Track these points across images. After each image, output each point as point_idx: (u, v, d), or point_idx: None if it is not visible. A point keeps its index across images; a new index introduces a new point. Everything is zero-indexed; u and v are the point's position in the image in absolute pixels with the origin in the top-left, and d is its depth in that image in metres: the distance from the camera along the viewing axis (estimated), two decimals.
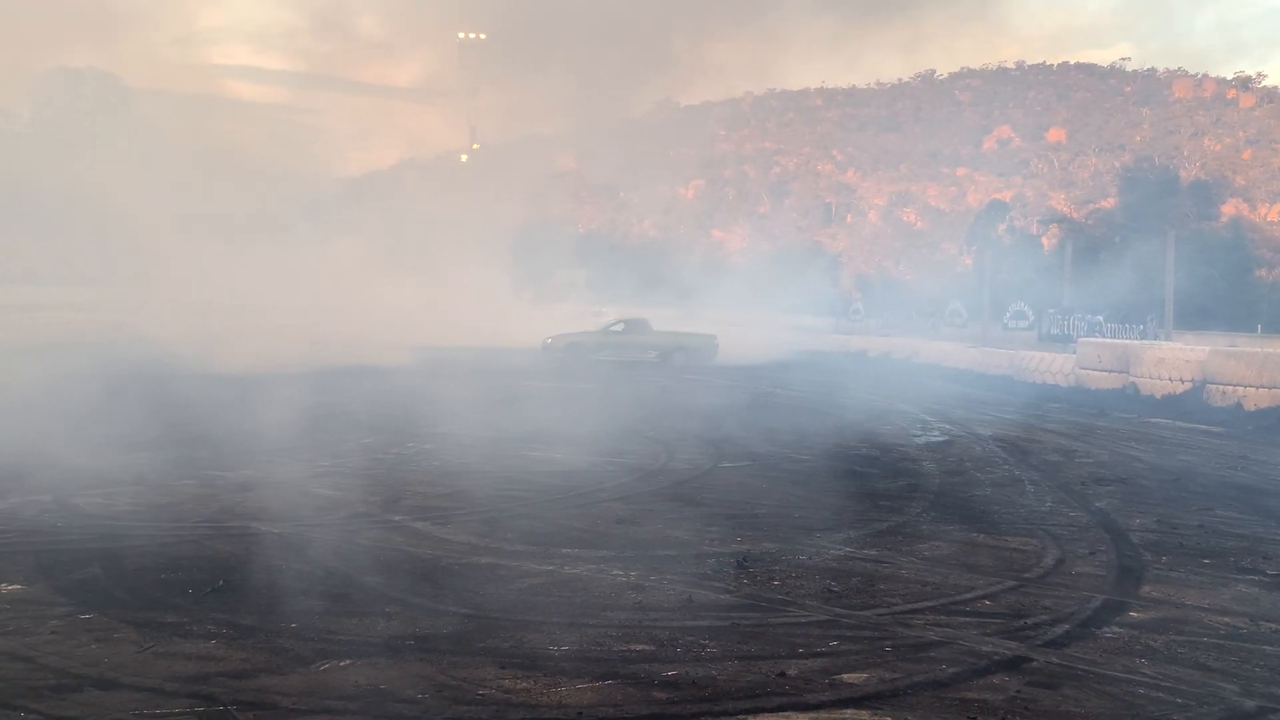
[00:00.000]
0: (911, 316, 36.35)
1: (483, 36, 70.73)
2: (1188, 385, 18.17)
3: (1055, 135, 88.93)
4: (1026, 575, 6.88)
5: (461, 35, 71.52)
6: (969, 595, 6.36)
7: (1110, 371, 20.49)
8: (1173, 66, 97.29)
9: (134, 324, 30.63)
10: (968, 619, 5.88)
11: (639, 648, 5.28)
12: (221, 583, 6.16)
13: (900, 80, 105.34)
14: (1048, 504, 9.52)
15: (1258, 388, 16.56)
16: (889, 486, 10.26)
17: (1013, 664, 5.15)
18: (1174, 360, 18.64)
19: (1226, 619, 5.99)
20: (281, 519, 8.01)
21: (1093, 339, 22.55)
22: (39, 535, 7.34)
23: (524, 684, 4.75)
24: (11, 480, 9.16)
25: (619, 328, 28.78)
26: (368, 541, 7.40)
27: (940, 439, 14.12)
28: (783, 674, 4.92)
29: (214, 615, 5.61)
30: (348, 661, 4.98)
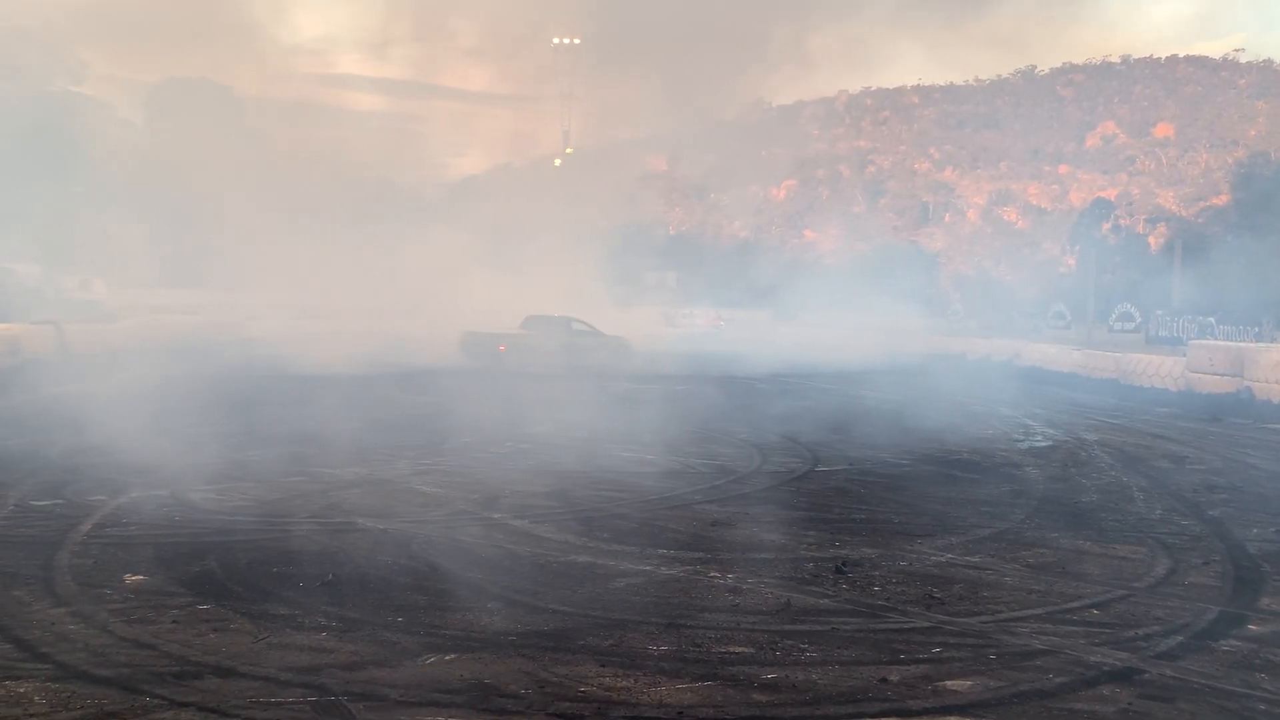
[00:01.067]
0: (1012, 318, 35.58)
1: (577, 41, 71.42)
2: None
3: (1163, 131, 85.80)
4: (1136, 584, 6.68)
5: (556, 40, 72.27)
6: (1076, 604, 6.20)
7: (1223, 375, 19.72)
8: None
9: (242, 326, 31.71)
10: (1075, 628, 5.73)
11: (738, 650, 5.28)
12: (330, 576, 6.35)
13: (999, 76, 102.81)
14: (1158, 511, 9.22)
15: None
16: (991, 492, 10.06)
17: (1123, 675, 5.00)
18: None
19: None
20: (386, 515, 8.22)
21: (1204, 341, 21.74)
22: (158, 528, 7.66)
23: (624, 682, 4.79)
24: (133, 475, 9.58)
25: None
26: (469, 539, 7.54)
27: (1044, 444, 13.78)
28: (884, 680, 4.87)
29: (324, 608, 5.78)
30: (453, 656, 5.08)
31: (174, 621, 5.52)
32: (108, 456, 10.50)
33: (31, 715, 4.27)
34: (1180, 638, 5.59)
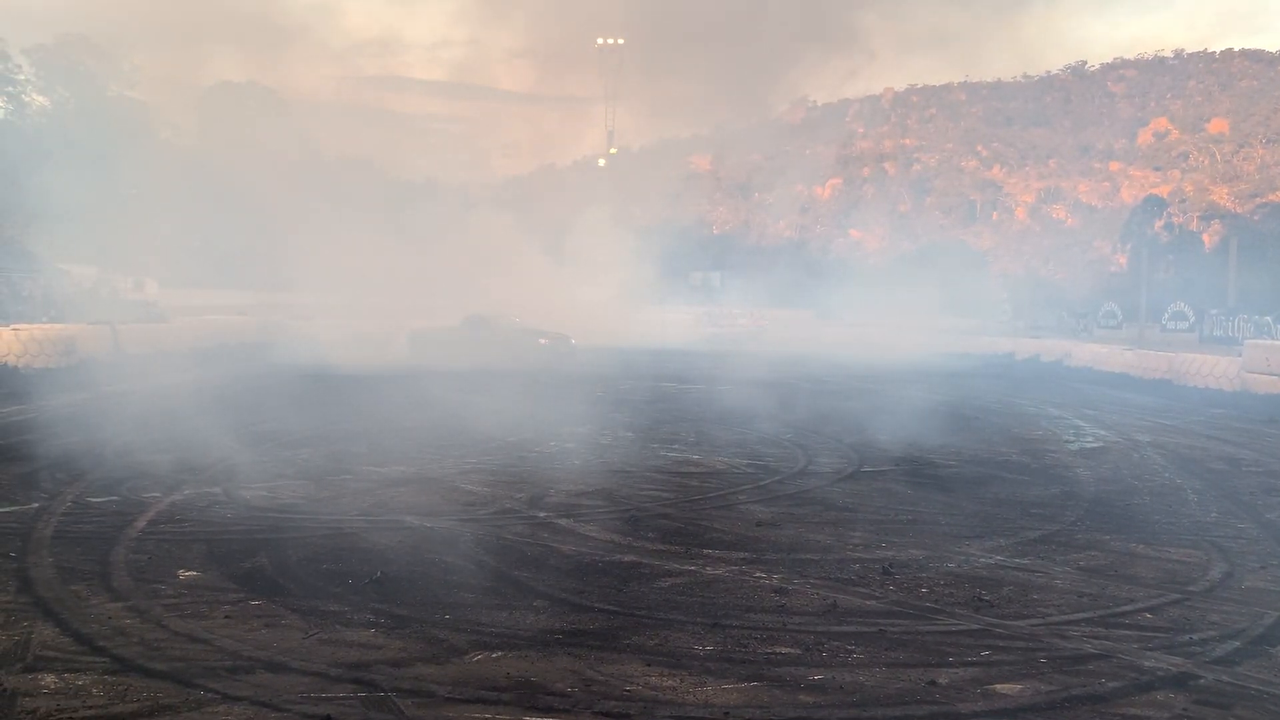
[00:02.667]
0: (1062, 318, 35.10)
1: (621, 41, 71.58)
2: None
3: (1217, 126, 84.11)
4: (1191, 588, 6.56)
5: (600, 40, 72.52)
6: (1129, 607, 6.10)
7: None
8: None
9: (292, 325, 32.13)
10: (1128, 632, 5.64)
11: (784, 650, 5.26)
12: (379, 574, 6.41)
13: (1048, 72, 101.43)
14: (1213, 514, 9.04)
15: None
16: (1041, 494, 9.92)
17: (1178, 680, 4.92)
18: None
19: None
20: (433, 514, 8.29)
21: (1261, 341, 21.29)
22: (211, 526, 7.78)
23: (670, 682, 4.79)
24: (186, 473, 9.75)
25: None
26: (515, 537, 7.58)
27: (1094, 445, 13.57)
28: (933, 682, 4.83)
29: (373, 605, 5.84)
30: (499, 653, 5.11)
31: (226, 617, 5.61)
32: (162, 454, 10.69)
33: (89, 707, 4.36)
34: (1237, 643, 5.48)
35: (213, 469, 10.06)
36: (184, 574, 6.43)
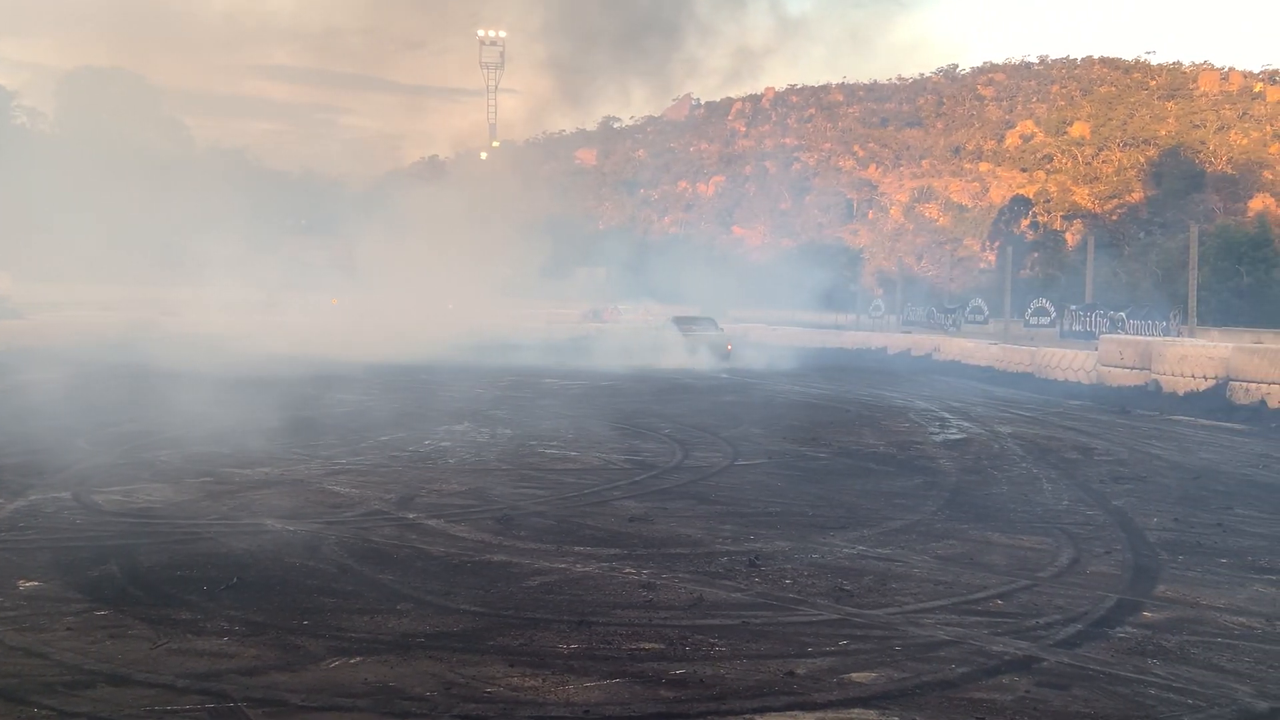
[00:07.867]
0: (933, 313, 36.26)
1: (503, 34, 71.01)
2: (1211, 383, 18.00)
3: (1079, 130, 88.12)
4: (1040, 574, 6.83)
5: (481, 33, 71.85)
6: (981, 594, 6.32)
7: (1132, 369, 20.33)
8: (1198, 59, 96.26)
9: (161, 322, 30.92)
10: (979, 618, 5.85)
11: (648, 646, 5.28)
12: (235, 580, 6.20)
13: (922, 75, 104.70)
14: (1065, 502, 9.45)
15: None
16: (905, 485, 10.22)
17: (1023, 664, 5.11)
18: (1196, 357, 18.47)
19: (1242, 619, 5.93)
20: (296, 516, 8.06)
21: (1114, 336, 22.37)
22: (58, 532, 7.41)
23: (532, 682, 4.76)
24: (33, 477, 9.28)
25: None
26: (381, 539, 7.43)
27: (958, 437, 14.05)
28: (791, 673, 4.91)
29: (227, 612, 5.65)
30: (358, 659, 5.00)
31: (69, 629, 5.34)
32: (6, 458, 10.15)
33: None
34: (1079, 626, 5.73)
35: (63, 472, 9.59)
36: (24, 584, 6.11)
